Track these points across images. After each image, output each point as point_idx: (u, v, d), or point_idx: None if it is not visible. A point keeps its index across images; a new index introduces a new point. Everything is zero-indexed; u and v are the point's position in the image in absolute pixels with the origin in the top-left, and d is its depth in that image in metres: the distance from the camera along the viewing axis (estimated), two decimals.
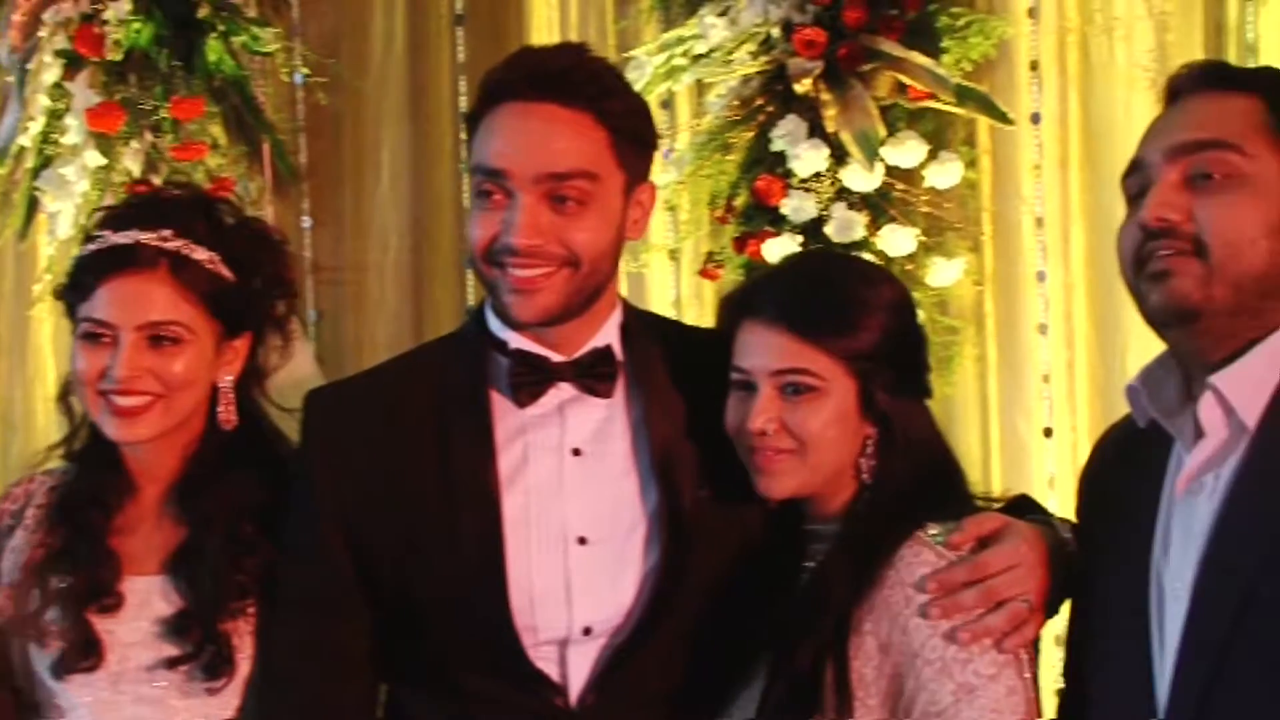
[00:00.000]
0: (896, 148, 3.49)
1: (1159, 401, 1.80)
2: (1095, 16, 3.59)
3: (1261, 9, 3.47)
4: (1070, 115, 3.60)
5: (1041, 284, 3.66)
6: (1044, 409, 3.66)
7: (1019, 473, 3.63)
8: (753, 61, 3.54)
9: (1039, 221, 3.64)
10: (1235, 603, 1.68)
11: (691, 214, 3.66)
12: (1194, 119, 1.76)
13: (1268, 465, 1.69)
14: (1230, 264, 1.71)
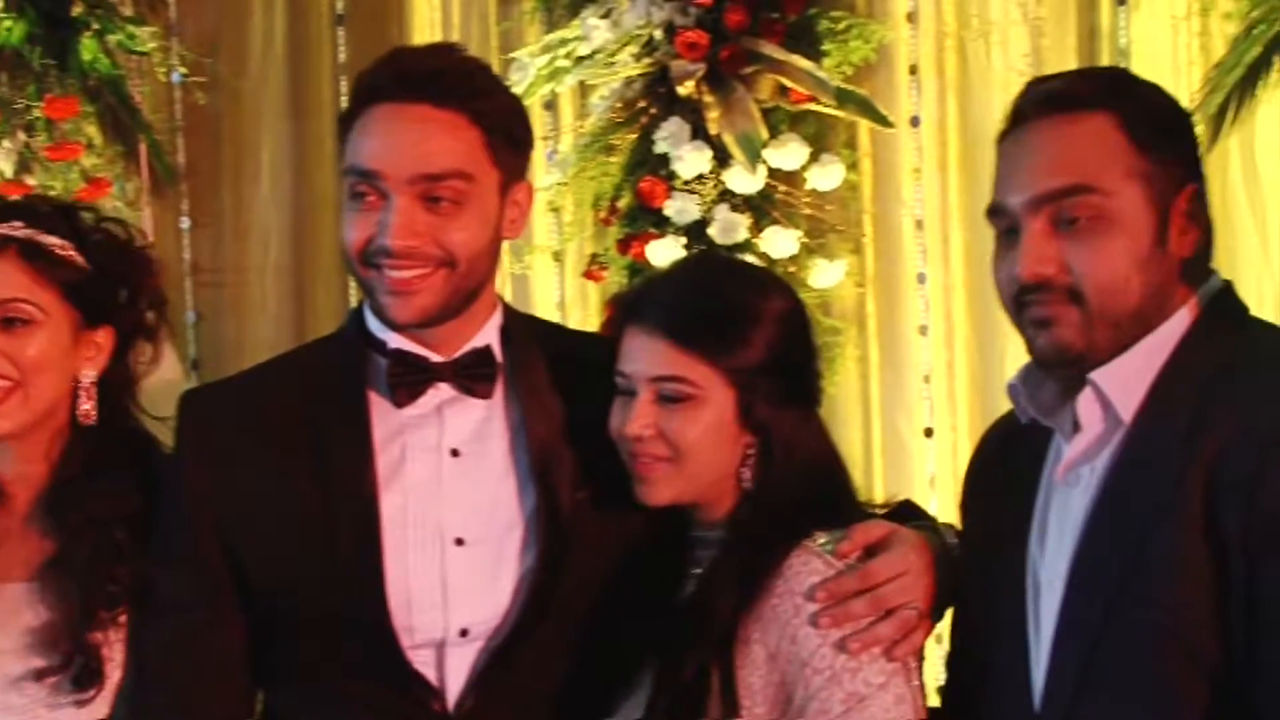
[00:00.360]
0: (778, 150, 3.51)
1: (1038, 398, 1.82)
2: (972, 22, 3.63)
3: (1133, 15, 3.54)
4: (949, 119, 3.64)
5: (922, 285, 3.70)
6: (925, 409, 3.70)
7: (900, 472, 3.67)
8: (635, 64, 3.56)
9: (919, 224, 3.69)
10: (1108, 591, 1.71)
11: (575, 216, 3.68)
12: (1048, 160, 1.74)
13: (1140, 457, 1.72)
14: (1109, 307, 1.72)
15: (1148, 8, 3.51)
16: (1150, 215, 1.72)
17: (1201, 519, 1.67)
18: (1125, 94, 1.77)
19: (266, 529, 1.92)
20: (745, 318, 1.89)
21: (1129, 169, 1.72)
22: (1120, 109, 1.73)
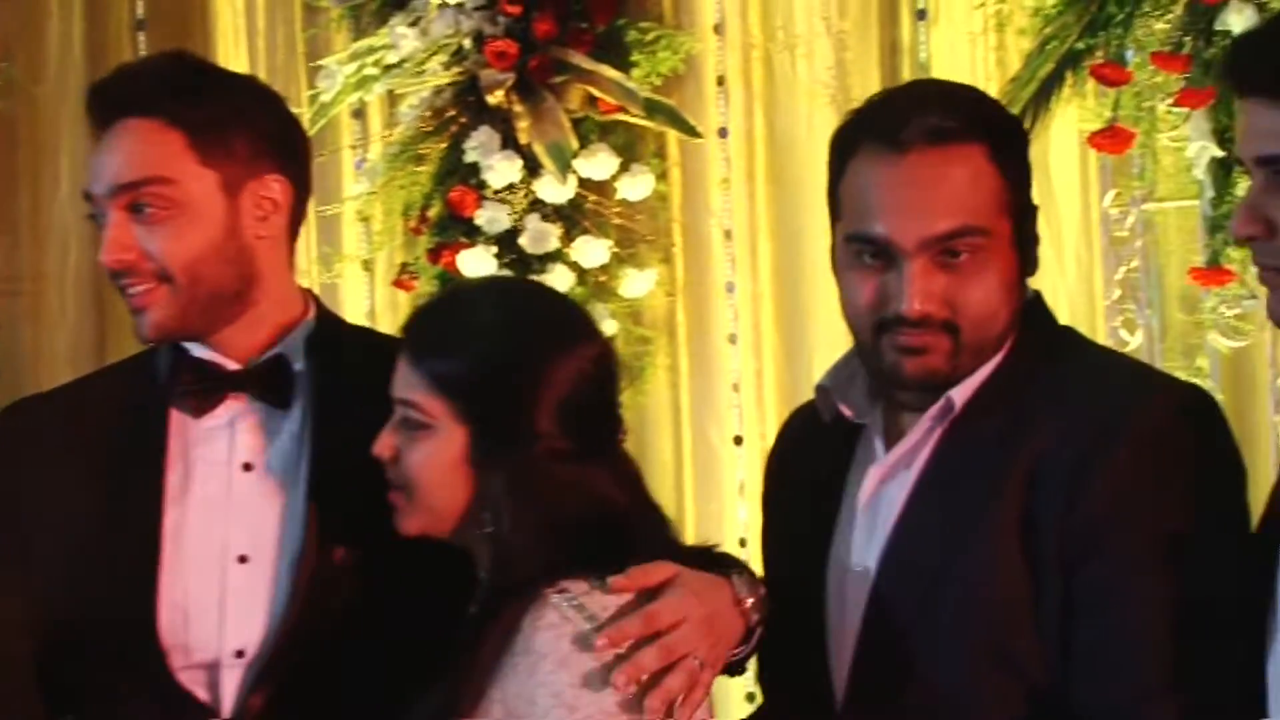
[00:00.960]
0: (588, 160, 3.52)
1: (848, 398, 1.86)
2: (778, 34, 3.65)
3: (933, 30, 3.58)
4: (756, 130, 3.66)
5: (731, 295, 3.71)
6: (734, 417, 3.71)
7: (710, 480, 3.69)
8: (445, 72, 3.55)
9: (728, 234, 3.70)
10: (919, 589, 1.75)
11: (385, 225, 3.65)
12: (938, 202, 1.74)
13: (960, 458, 1.78)
14: (978, 338, 1.78)
15: (947, 23, 3.56)
16: (1014, 244, 1.80)
17: (1019, 521, 1.73)
18: (995, 124, 1.83)
19: (55, 546, 1.88)
20: (454, 332, 1.82)
21: (1001, 206, 1.78)
22: (991, 141, 1.78)
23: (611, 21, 3.54)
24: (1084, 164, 3.47)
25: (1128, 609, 1.69)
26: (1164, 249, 3.35)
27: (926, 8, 3.57)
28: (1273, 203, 1.58)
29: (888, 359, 1.79)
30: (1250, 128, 1.61)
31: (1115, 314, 3.37)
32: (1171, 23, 3.07)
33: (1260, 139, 1.60)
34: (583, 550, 1.74)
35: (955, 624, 1.73)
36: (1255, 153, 1.60)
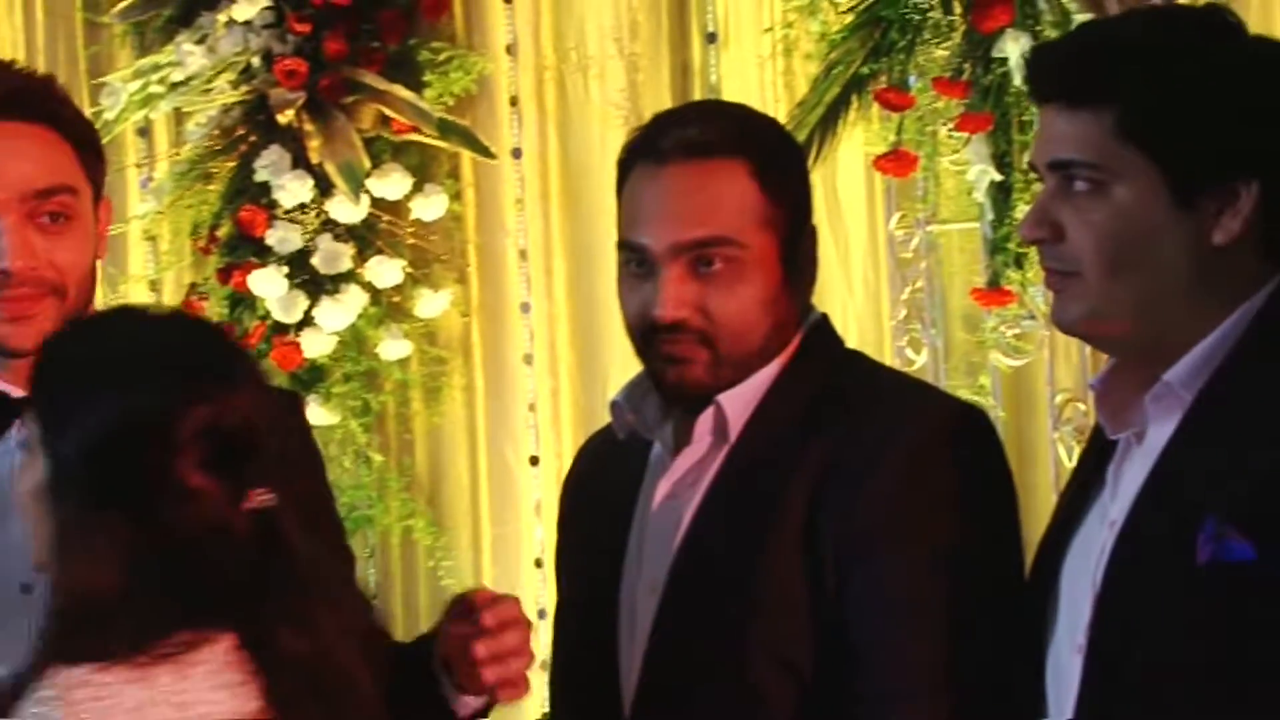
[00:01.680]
0: (381, 180, 3.50)
1: (641, 415, 1.87)
2: (570, 55, 3.66)
3: (723, 53, 3.62)
4: (550, 150, 3.67)
5: (526, 315, 3.71)
6: (530, 437, 3.71)
7: (506, 500, 3.68)
8: (233, 91, 3.51)
9: (523, 254, 3.70)
10: (706, 602, 1.77)
11: (173, 244, 3.59)
12: (691, 210, 1.79)
13: (745, 473, 1.80)
14: (737, 350, 1.79)
15: (736, 47, 3.59)
16: (777, 260, 1.81)
17: (801, 534, 1.75)
18: (757, 142, 1.84)
19: None
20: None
21: (761, 219, 1.80)
22: (753, 157, 1.80)
23: (403, 41, 3.53)
24: (870, 187, 3.52)
25: (893, 615, 1.73)
26: (947, 270, 3.40)
27: (716, 31, 3.60)
28: (1062, 207, 1.61)
29: (655, 368, 1.82)
30: (1044, 133, 1.65)
31: (901, 334, 3.40)
32: (951, 50, 3.12)
33: (1052, 144, 1.63)
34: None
35: (741, 634, 1.76)
36: (1047, 157, 1.63)
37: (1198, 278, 1.61)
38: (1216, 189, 1.59)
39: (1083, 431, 3.31)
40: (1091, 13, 2.95)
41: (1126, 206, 1.59)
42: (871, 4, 3.12)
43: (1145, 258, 1.60)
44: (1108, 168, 1.59)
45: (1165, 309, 1.61)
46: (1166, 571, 1.56)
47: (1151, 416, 1.62)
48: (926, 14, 3.10)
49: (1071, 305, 1.64)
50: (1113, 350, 1.70)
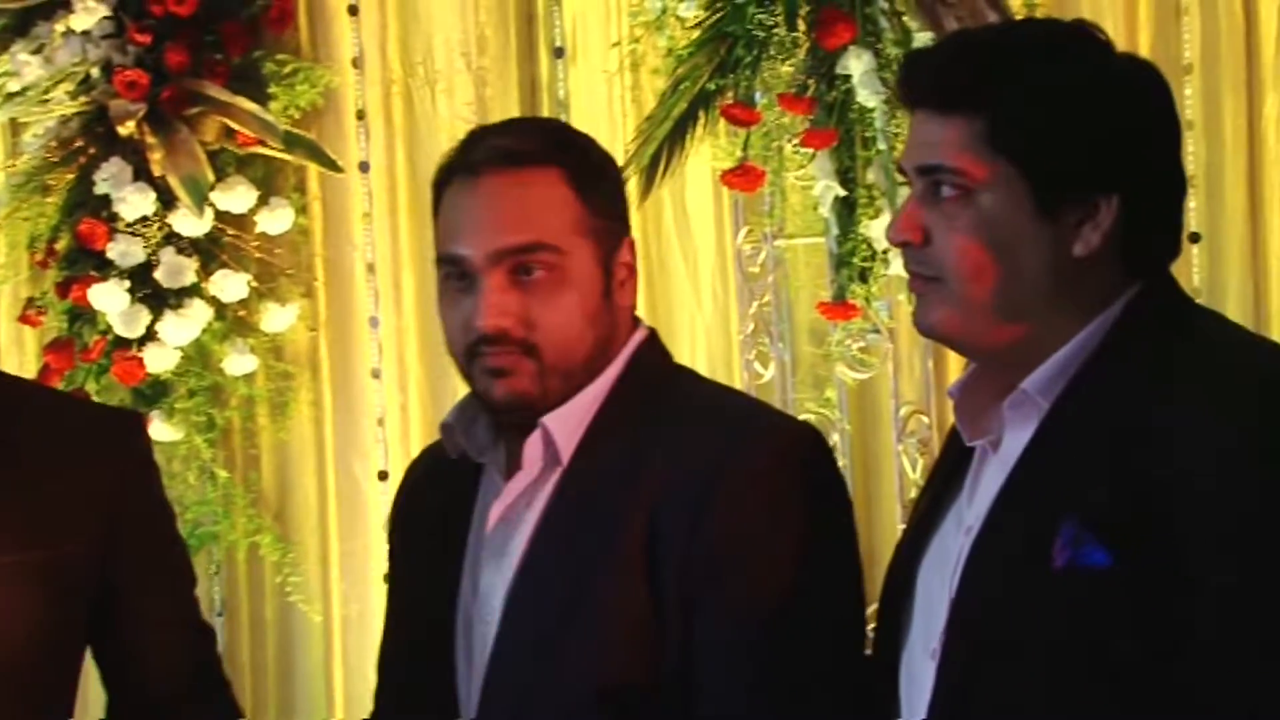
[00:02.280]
0: (226, 193, 3.46)
1: (472, 436, 1.84)
2: (418, 69, 3.65)
3: (571, 68, 3.64)
4: (397, 164, 3.65)
5: (374, 329, 3.69)
6: (379, 452, 3.68)
7: (355, 516, 3.65)
8: (72, 101, 3.46)
9: (370, 268, 3.68)
10: (544, 630, 1.75)
11: (9, 258, 3.52)
12: (507, 215, 1.78)
13: (579, 498, 1.78)
14: (562, 361, 1.78)
15: (584, 62, 3.61)
16: (598, 269, 1.80)
17: (641, 561, 1.73)
18: (572, 152, 1.83)
19: None
20: None
21: (579, 226, 1.79)
22: (568, 166, 1.79)
23: (247, 53, 3.50)
24: (718, 202, 3.54)
25: (739, 644, 1.71)
26: (794, 284, 3.43)
27: (564, 46, 3.61)
28: (929, 212, 1.63)
29: (480, 385, 1.79)
30: (914, 138, 1.66)
31: (750, 348, 3.43)
32: (796, 66, 3.15)
33: (922, 149, 1.63)
34: None
35: (579, 665, 1.73)
36: (916, 162, 1.63)
37: (1057, 287, 1.62)
38: (1078, 201, 1.61)
39: (926, 443, 3.37)
40: (932, 31, 3.01)
41: (990, 214, 1.61)
42: (717, 20, 3.14)
43: (1008, 265, 1.61)
44: (974, 174, 1.61)
45: (1025, 316, 1.62)
46: (1022, 576, 1.57)
47: (1008, 423, 1.63)
48: (772, 31, 3.12)
49: (934, 310, 1.65)
50: (972, 356, 1.71)
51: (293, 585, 3.58)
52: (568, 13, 3.61)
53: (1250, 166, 3.50)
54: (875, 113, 3.09)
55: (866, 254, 3.15)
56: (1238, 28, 3.47)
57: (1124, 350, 1.61)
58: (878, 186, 3.12)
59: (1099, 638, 1.53)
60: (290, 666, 3.69)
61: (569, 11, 3.61)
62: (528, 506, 1.80)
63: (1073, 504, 1.55)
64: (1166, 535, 1.50)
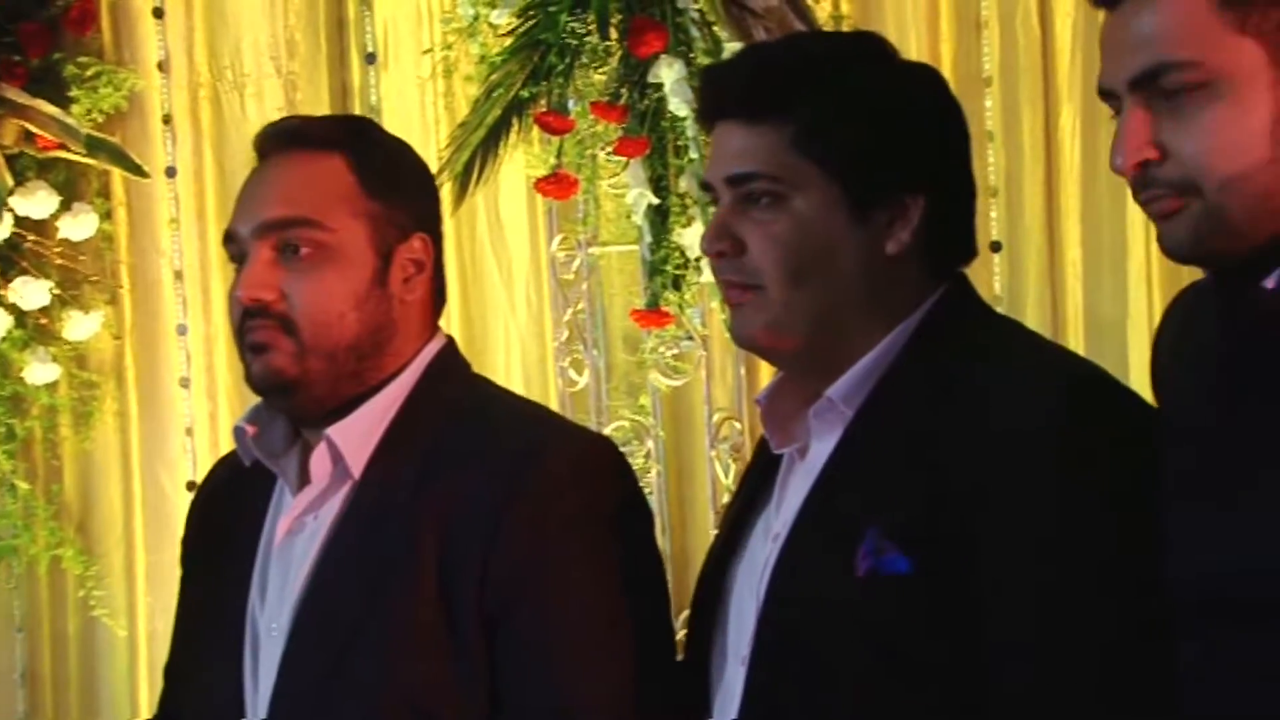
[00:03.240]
0: (26, 198, 3.43)
1: (265, 442, 1.82)
2: (226, 73, 3.64)
3: (383, 74, 3.64)
4: (205, 169, 3.64)
5: (183, 337, 3.66)
6: (187, 462, 3.65)
7: (162, 526, 3.61)
8: None
9: (178, 275, 3.65)
10: (334, 646, 1.73)
11: None
12: (277, 191, 1.79)
13: (369, 512, 1.77)
14: (321, 341, 1.76)
15: (395, 68, 3.62)
16: (372, 256, 1.79)
17: (436, 577, 1.72)
18: (360, 139, 1.84)
19: None
20: None
21: (354, 209, 1.79)
22: (353, 152, 1.79)
23: (46, 55, 3.49)
24: (532, 209, 3.56)
25: (542, 662, 1.71)
26: (608, 292, 3.46)
27: (376, 52, 3.62)
28: (742, 221, 1.64)
29: (245, 363, 1.79)
30: (721, 150, 1.67)
31: (564, 354, 3.44)
32: (609, 74, 3.16)
33: (731, 159, 1.64)
34: None
35: (372, 683, 1.71)
36: (724, 173, 1.65)
37: (871, 290, 1.65)
38: (888, 202, 1.64)
39: (739, 449, 3.40)
40: (741, 41, 3.03)
41: (805, 218, 1.63)
42: (530, 28, 3.14)
43: (825, 268, 1.63)
44: (787, 180, 1.62)
45: (840, 322, 1.65)
46: (827, 584, 1.59)
47: (814, 431, 1.65)
48: (584, 39, 3.13)
49: (753, 318, 1.66)
50: (785, 365, 1.72)
51: (96, 599, 3.54)
52: (379, 18, 3.62)
53: (1048, 177, 3.57)
54: (687, 121, 3.11)
55: (679, 262, 3.16)
56: (1034, 42, 3.55)
57: (925, 358, 1.64)
58: (690, 195, 3.15)
59: (902, 642, 1.55)
60: (94, 682, 3.65)
61: (380, 17, 3.62)
62: (317, 519, 1.79)
63: (875, 512, 1.57)
64: (968, 541, 1.53)
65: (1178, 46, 1.39)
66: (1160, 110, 1.41)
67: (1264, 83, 1.39)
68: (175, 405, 3.66)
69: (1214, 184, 1.39)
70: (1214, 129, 1.39)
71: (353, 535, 1.76)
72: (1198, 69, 1.39)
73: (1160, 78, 1.40)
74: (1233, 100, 1.39)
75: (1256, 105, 1.39)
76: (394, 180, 1.82)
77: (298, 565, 1.78)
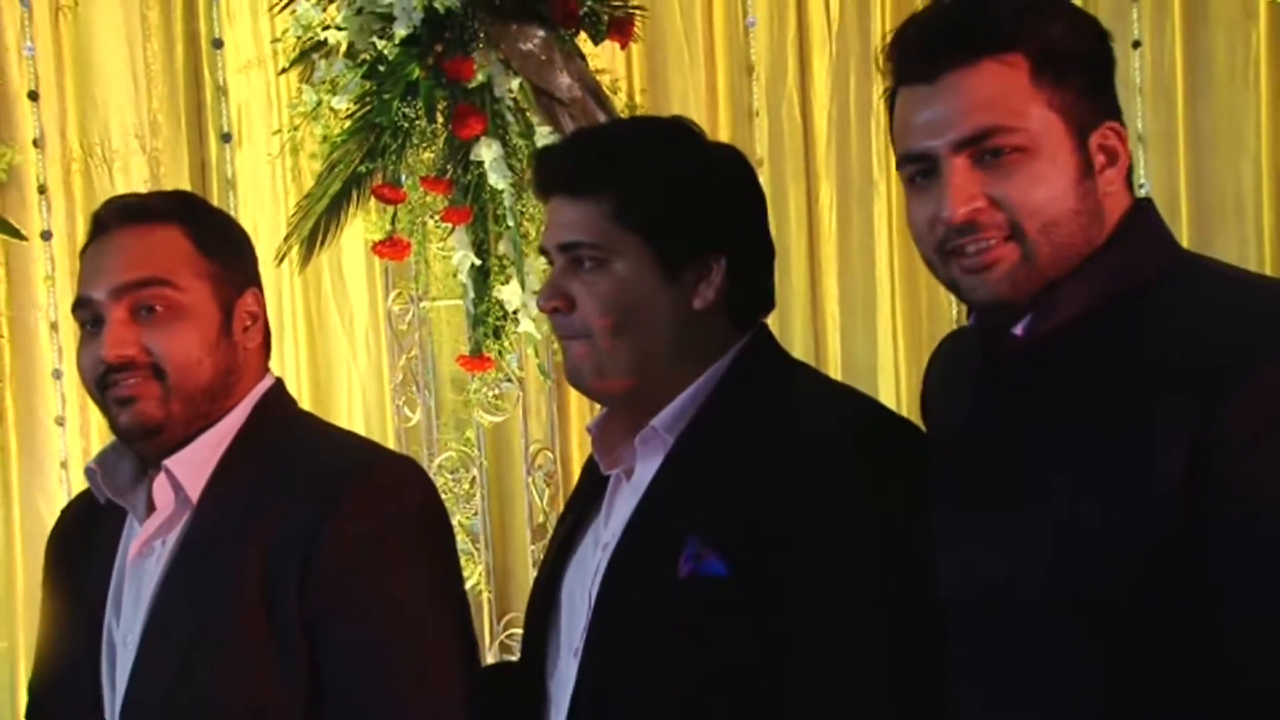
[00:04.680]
0: None
1: (114, 480, 1.80)
2: (96, 149, 3.58)
3: (237, 151, 3.62)
4: (78, 233, 3.54)
5: (58, 381, 3.59)
6: (63, 492, 3.56)
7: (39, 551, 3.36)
8: None
9: (53, 326, 3.59)
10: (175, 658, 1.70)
11: None
12: (128, 258, 1.75)
13: (204, 536, 1.74)
14: (185, 383, 1.74)
15: (249, 146, 3.60)
16: (215, 308, 1.77)
17: (261, 588, 1.68)
18: (192, 211, 1.83)
19: None
20: None
21: (197, 270, 1.76)
22: (187, 222, 1.79)
23: None
24: (370, 268, 3.58)
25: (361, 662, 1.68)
26: (438, 340, 3.48)
27: (231, 132, 3.60)
28: (572, 282, 1.64)
29: (111, 415, 1.76)
30: (553, 221, 1.67)
31: (400, 395, 3.45)
32: (436, 153, 3.14)
33: (561, 229, 1.65)
34: None
35: (208, 687, 1.69)
36: (557, 241, 1.66)
37: (681, 339, 1.65)
38: (695, 263, 1.64)
39: (551, 476, 3.44)
40: (550, 126, 3.03)
41: (625, 279, 1.63)
42: (366, 112, 3.10)
43: (641, 321, 1.64)
44: (608, 246, 1.63)
45: (656, 366, 1.65)
46: (653, 584, 1.58)
47: (640, 456, 1.66)
48: (414, 122, 3.10)
49: (583, 364, 1.66)
50: (612, 404, 1.71)
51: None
52: (233, 102, 3.59)
53: (810, 243, 3.69)
54: (505, 193, 3.10)
55: (500, 314, 3.15)
56: (797, 129, 3.68)
57: (735, 393, 1.65)
58: (508, 256, 3.15)
59: (718, 636, 1.55)
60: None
61: (234, 101, 3.59)
62: (163, 543, 1.76)
63: (695, 523, 1.57)
64: (772, 550, 1.53)
65: (1005, 114, 1.41)
66: (985, 167, 1.42)
67: (1066, 149, 1.42)
68: (52, 442, 3.57)
69: (1035, 226, 1.41)
70: (1035, 183, 1.41)
71: (191, 555, 1.73)
72: (1021, 134, 1.40)
73: (988, 139, 1.41)
74: (1046, 161, 1.41)
75: (1063, 166, 1.42)
76: (225, 244, 1.81)
77: (148, 583, 1.75)
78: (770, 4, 3.69)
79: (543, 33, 3.03)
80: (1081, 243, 1.42)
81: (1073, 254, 1.42)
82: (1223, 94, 3.59)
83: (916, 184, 1.46)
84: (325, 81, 3.15)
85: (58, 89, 3.56)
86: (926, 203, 1.45)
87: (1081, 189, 1.42)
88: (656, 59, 3.65)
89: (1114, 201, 1.45)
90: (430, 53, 3.05)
